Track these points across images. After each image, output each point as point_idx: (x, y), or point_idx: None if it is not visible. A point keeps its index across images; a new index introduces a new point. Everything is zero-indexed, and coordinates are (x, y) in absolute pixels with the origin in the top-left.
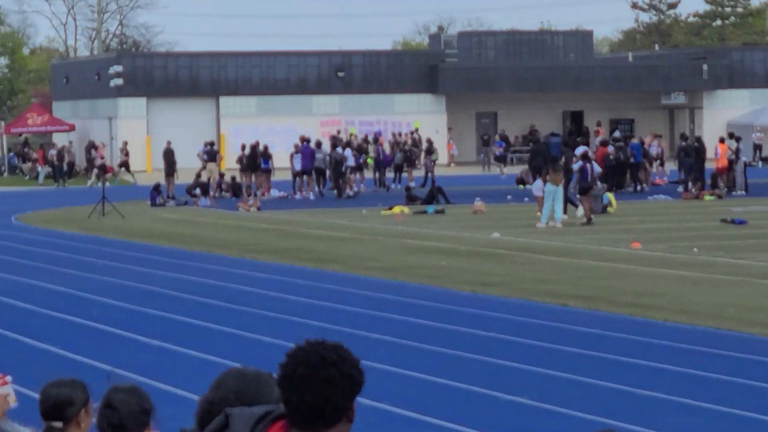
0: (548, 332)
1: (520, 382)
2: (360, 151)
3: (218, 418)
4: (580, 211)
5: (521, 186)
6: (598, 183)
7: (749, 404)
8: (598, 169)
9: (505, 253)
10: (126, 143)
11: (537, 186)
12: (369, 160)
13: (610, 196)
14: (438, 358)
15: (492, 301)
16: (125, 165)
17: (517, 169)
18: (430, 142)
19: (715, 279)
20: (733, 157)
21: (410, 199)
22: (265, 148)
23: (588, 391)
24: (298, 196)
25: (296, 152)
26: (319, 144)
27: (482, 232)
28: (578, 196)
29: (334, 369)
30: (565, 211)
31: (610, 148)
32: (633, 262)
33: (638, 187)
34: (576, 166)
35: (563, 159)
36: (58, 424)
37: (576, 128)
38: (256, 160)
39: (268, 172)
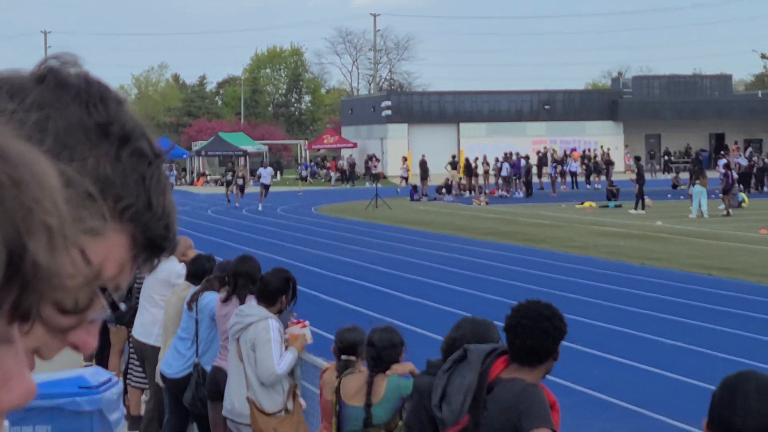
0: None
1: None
2: (559, 162)
3: (458, 351)
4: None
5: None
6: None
7: None
8: (735, 175)
9: (666, 237)
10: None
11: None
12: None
13: (743, 195)
14: (612, 311)
15: (657, 271)
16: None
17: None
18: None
19: None
20: None
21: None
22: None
23: None
24: (516, 194)
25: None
26: (522, 158)
27: (650, 221)
28: (721, 195)
29: (548, 322)
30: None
31: (739, 160)
32: None
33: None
34: (721, 173)
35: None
36: (352, 358)
37: (718, 145)
38: (471, 169)
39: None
